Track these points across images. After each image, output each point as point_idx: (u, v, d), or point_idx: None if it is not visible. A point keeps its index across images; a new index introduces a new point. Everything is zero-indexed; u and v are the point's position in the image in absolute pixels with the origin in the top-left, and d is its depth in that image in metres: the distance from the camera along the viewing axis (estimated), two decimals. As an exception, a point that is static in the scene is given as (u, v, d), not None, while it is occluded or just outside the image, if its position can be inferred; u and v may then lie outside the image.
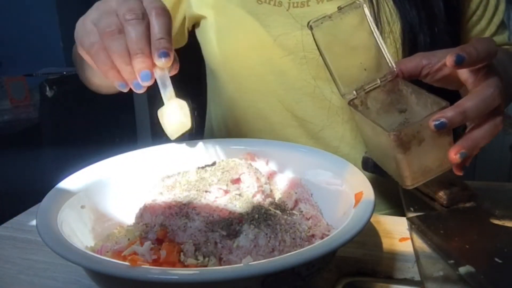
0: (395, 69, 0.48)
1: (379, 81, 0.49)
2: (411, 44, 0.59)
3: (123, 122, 1.75)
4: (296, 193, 0.47)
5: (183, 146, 0.53)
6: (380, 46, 0.49)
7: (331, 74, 0.50)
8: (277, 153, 0.52)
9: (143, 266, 0.32)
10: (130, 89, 0.44)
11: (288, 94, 0.64)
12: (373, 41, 0.49)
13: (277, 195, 0.47)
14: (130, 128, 1.82)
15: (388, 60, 0.48)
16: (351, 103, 0.50)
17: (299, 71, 0.62)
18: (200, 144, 0.53)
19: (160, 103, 0.46)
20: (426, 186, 0.50)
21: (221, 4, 0.64)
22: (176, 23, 0.69)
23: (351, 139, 0.64)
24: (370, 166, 0.60)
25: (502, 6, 0.68)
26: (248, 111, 0.67)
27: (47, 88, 1.39)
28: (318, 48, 0.50)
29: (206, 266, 0.36)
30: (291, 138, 0.65)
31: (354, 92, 0.50)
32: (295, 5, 0.61)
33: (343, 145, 0.64)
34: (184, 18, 0.69)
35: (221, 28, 0.65)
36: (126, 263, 0.32)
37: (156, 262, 0.36)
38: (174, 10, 0.68)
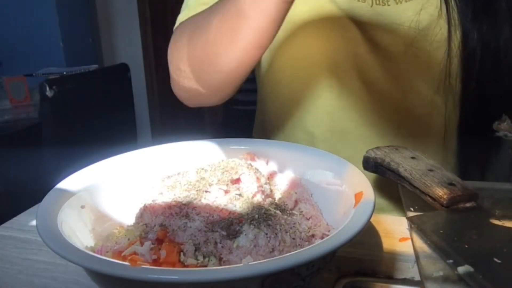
0: None
1: None
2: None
3: (123, 122, 1.75)
4: (296, 193, 0.47)
5: (183, 146, 0.53)
6: None
7: None
8: (277, 153, 0.52)
9: (143, 266, 0.32)
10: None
11: (370, 93, 0.64)
12: None
13: (277, 195, 0.47)
14: (130, 128, 1.82)
15: None
16: None
17: (383, 67, 0.63)
18: (200, 144, 0.53)
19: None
20: (426, 186, 0.50)
21: None
22: None
23: (426, 138, 0.66)
24: (371, 166, 0.60)
25: None
26: (323, 110, 0.67)
27: (47, 88, 1.39)
28: None
29: (206, 266, 0.36)
30: (367, 135, 0.65)
31: None
32: (377, 2, 0.61)
33: (423, 144, 0.66)
34: None
35: (309, 23, 0.64)
36: (126, 263, 0.32)
37: (156, 262, 0.36)
38: None
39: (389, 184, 0.60)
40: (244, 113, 2.15)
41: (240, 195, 0.43)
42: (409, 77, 0.64)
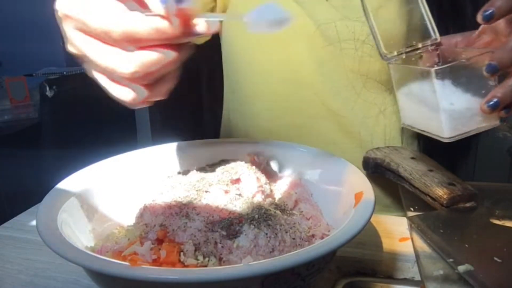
0: (438, 39, 0.49)
1: (420, 45, 0.50)
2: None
3: (123, 122, 1.75)
4: (296, 193, 0.47)
5: (183, 146, 0.53)
6: (425, 15, 0.50)
7: (374, 35, 0.51)
8: (277, 153, 0.52)
9: (143, 266, 0.32)
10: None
11: (325, 86, 0.64)
12: (420, 10, 0.50)
13: (277, 195, 0.47)
14: (130, 128, 1.82)
15: (431, 29, 0.49)
16: (392, 61, 0.51)
17: (337, 62, 0.62)
18: (200, 144, 0.53)
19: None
20: (426, 186, 0.50)
21: None
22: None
23: (382, 135, 0.65)
24: (370, 166, 0.60)
25: None
26: (278, 105, 0.67)
27: (47, 88, 1.39)
28: (365, 10, 0.51)
29: (206, 266, 0.36)
30: (323, 131, 0.65)
31: (395, 52, 0.50)
32: None
33: (376, 140, 0.65)
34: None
35: None
36: (126, 263, 0.32)
37: (156, 262, 0.36)
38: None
39: (389, 184, 0.60)
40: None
41: (240, 195, 0.43)
42: (363, 75, 0.63)
